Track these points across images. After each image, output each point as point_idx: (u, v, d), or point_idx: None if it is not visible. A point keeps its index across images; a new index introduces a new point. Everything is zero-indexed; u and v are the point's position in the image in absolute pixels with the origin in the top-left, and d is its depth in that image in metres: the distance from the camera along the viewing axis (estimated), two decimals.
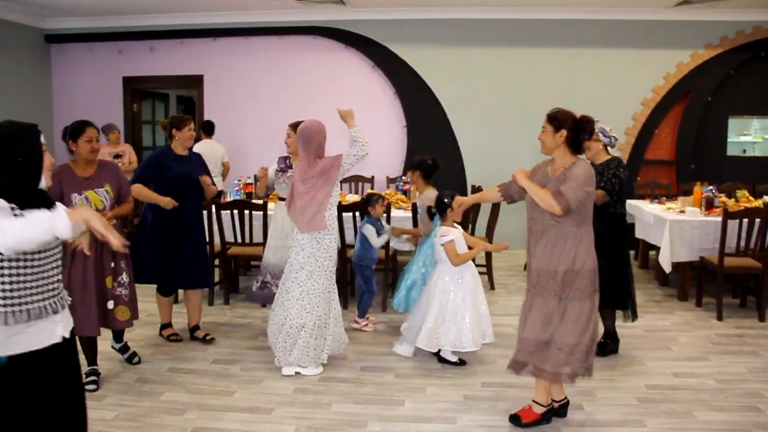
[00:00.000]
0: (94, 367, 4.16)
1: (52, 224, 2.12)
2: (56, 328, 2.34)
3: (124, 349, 4.53)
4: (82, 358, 3.80)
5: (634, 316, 4.70)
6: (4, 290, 2.19)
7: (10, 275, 2.20)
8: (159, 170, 4.70)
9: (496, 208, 6.57)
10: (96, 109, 8.95)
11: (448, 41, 8.61)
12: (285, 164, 5.20)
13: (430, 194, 4.96)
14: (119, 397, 3.95)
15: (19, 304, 2.22)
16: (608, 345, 4.74)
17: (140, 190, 4.62)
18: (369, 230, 5.26)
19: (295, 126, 4.85)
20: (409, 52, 8.64)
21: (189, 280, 4.91)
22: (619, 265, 4.52)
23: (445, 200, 4.47)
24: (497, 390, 4.09)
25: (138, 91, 9.57)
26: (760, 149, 8.85)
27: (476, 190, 7.06)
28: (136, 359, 4.52)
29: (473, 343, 4.35)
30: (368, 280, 5.38)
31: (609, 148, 4.61)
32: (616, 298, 4.55)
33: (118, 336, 4.52)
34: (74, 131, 4.00)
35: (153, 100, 10.30)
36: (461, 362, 4.52)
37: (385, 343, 4.97)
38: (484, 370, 4.42)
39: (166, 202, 4.60)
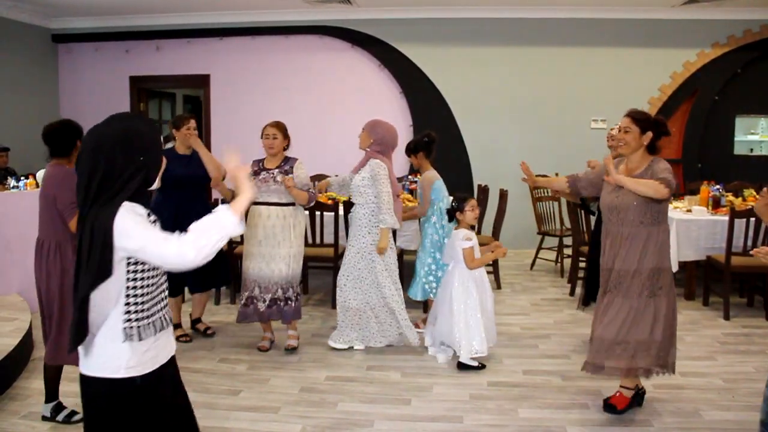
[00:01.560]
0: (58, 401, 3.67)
1: (222, 225, 1.96)
2: (171, 338, 2.21)
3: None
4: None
5: None
6: (136, 303, 2.02)
7: (142, 287, 2.03)
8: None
9: (502, 208, 6.57)
10: (103, 109, 8.88)
11: (454, 40, 8.60)
12: (258, 167, 4.73)
13: (430, 174, 5.10)
14: None
15: (147, 317, 2.06)
16: None
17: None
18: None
19: (273, 124, 4.77)
20: (415, 51, 8.64)
21: (199, 281, 4.97)
22: None
23: (454, 204, 4.50)
24: (504, 389, 4.09)
25: (145, 90, 9.59)
26: (767, 148, 8.81)
27: (483, 189, 7.06)
28: None
29: (487, 346, 4.41)
30: None
31: None
32: None
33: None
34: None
35: (160, 99, 10.32)
36: (482, 366, 4.44)
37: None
38: (491, 370, 4.41)
39: None
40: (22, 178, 6.37)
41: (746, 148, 8.78)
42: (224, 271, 5.27)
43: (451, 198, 4.70)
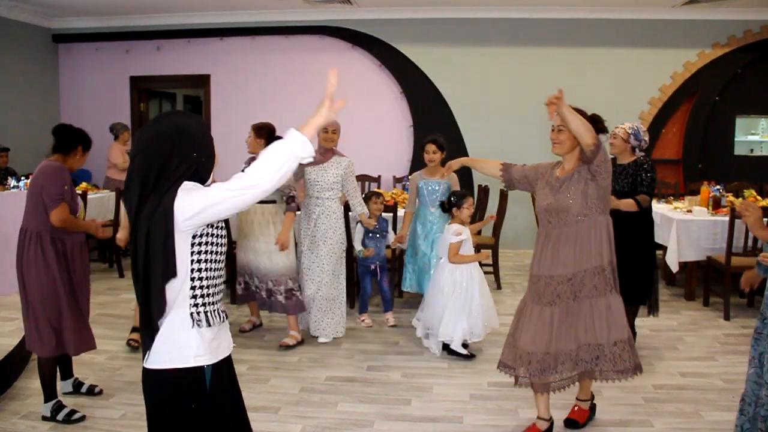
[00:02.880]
0: (58, 400, 3.69)
1: (289, 146, 1.89)
2: (228, 333, 2.17)
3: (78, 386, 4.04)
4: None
5: (656, 310, 4.74)
6: (202, 287, 1.98)
7: (207, 269, 1.99)
8: None
9: (503, 207, 6.57)
10: (103, 109, 9.01)
11: (454, 41, 8.60)
12: (247, 165, 4.64)
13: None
14: (126, 395, 3.97)
15: (213, 303, 2.03)
16: None
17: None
18: (357, 229, 5.36)
19: (254, 127, 4.94)
20: (415, 51, 8.64)
21: None
22: (646, 262, 4.55)
23: (453, 199, 4.61)
24: (504, 389, 4.08)
25: (145, 90, 9.60)
26: (767, 148, 8.81)
27: (483, 189, 7.06)
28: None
29: (482, 332, 4.55)
30: (361, 278, 5.49)
31: (637, 150, 4.57)
32: (640, 293, 4.60)
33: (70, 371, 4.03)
34: None
35: (160, 99, 10.33)
36: (471, 355, 4.60)
37: (392, 343, 4.98)
38: (491, 370, 4.39)
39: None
40: (22, 178, 6.38)
41: (746, 149, 8.78)
42: None
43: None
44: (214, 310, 2.02)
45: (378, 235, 5.37)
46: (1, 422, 3.61)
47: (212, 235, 2.00)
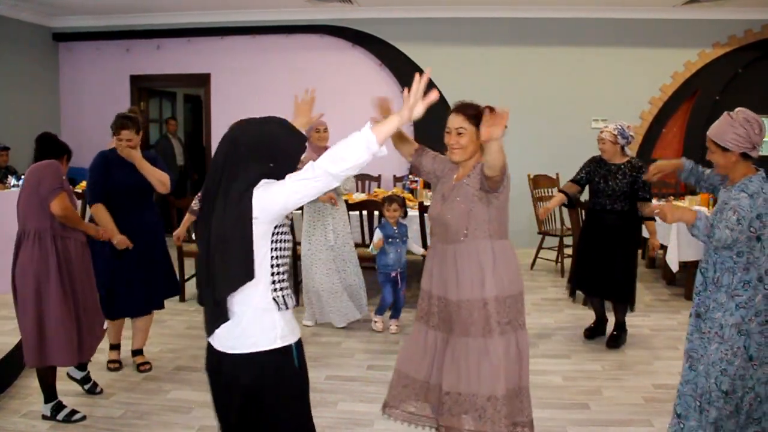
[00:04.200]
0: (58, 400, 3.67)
1: (361, 147, 1.91)
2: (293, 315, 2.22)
3: (86, 380, 4.00)
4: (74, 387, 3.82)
5: (632, 307, 4.89)
6: (279, 273, 2.08)
7: (281, 256, 2.08)
8: (108, 179, 4.05)
9: None
10: (103, 107, 8.98)
11: (455, 40, 8.60)
12: None
13: None
14: (126, 395, 3.97)
15: (287, 286, 2.13)
16: (620, 337, 4.84)
17: (102, 213, 4.02)
18: (376, 233, 5.17)
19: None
20: (416, 50, 8.63)
21: (141, 304, 4.29)
22: (632, 261, 4.66)
23: None
24: None
25: (145, 89, 9.59)
26: (767, 149, 8.79)
27: None
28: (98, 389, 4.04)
29: None
30: (382, 286, 5.28)
31: (626, 149, 4.68)
32: (627, 292, 4.69)
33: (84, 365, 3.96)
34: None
35: (160, 98, 10.33)
36: None
37: (392, 342, 4.98)
38: None
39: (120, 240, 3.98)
40: (22, 176, 6.37)
41: None
42: (173, 281, 4.50)
43: None
44: (289, 293, 2.13)
45: (398, 240, 5.16)
46: (1, 421, 3.61)
47: (285, 225, 2.10)
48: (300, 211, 5.30)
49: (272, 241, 2.04)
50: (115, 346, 4.42)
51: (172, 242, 5.26)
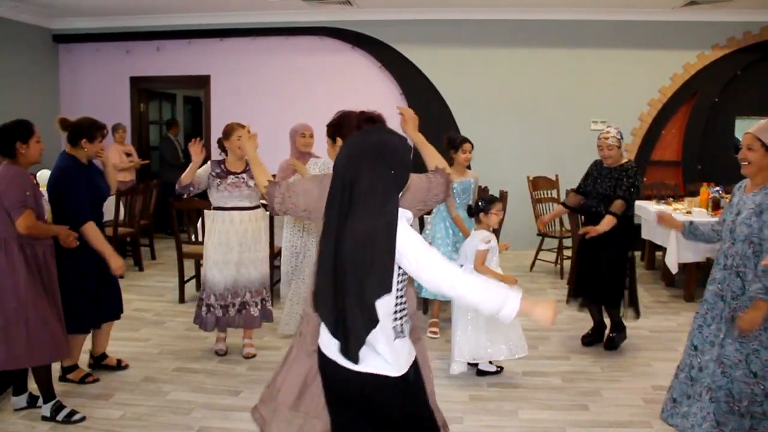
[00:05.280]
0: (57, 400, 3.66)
1: (498, 304, 1.96)
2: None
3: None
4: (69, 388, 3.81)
5: (637, 315, 4.84)
6: (402, 303, 2.08)
7: (403, 281, 2.08)
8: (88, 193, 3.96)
9: (503, 207, 6.56)
10: (103, 109, 8.97)
11: (455, 42, 8.61)
12: (220, 169, 4.55)
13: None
14: (125, 396, 3.97)
15: (407, 315, 2.12)
16: (618, 338, 4.83)
17: (96, 233, 3.91)
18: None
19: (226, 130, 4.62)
20: (416, 52, 8.64)
21: (114, 307, 4.29)
22: (622, 265, 4.64)
23: (480, 204, 4.36)
24: (503, 391, 4.09)
25: (145, 90, 9.60)
26: None
27: (483, 190, 7.06)
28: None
29: (509, 352, 4.27)
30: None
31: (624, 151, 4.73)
32: (615, 296, 4.69)
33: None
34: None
35: (160, 100, 10.33)
36: (499, 369, 4.40)
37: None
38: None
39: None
40: None
41: None
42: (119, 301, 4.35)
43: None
44: (407, 320, 2.12)
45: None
46: (1, 421, 3.61)
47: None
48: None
49: (398, 267, 2.02)
50: (74, 367, 4.17)
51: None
